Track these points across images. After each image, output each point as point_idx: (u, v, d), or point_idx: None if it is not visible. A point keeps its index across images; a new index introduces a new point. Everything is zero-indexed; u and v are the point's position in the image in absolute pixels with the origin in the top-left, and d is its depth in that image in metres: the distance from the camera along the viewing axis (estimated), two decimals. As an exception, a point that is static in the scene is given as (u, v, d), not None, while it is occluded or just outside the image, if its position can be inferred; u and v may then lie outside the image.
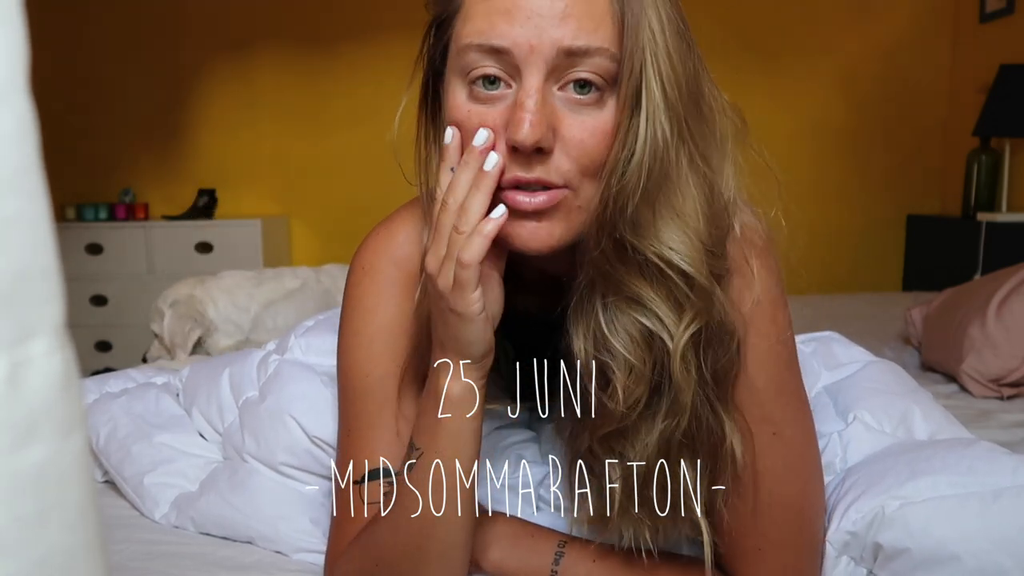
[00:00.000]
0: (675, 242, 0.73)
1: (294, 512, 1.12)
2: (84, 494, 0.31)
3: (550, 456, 1.12)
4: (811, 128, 4.03)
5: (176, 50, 4.30)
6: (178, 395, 1.44)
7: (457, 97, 0.76)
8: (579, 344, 0.78)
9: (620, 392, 0.76)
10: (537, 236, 0.75)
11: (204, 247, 4.01)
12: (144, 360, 2.50)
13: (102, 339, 4.07)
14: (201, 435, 1.33)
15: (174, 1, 4.26)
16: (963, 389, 1.89)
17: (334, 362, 1.23)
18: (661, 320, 0.75)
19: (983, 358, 1.85)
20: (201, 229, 4.05)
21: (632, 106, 0.70)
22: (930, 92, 4.06)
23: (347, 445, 0.92)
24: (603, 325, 0.76)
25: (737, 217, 0.79)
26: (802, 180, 3.86)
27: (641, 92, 0.70)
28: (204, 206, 4.19)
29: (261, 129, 4.33)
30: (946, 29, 4.01)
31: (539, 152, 0.72)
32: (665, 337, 0.75)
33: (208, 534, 1.17)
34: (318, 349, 1.28)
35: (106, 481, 1.35)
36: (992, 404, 1.78)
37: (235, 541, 1.15)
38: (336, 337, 1.28)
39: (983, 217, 3.25)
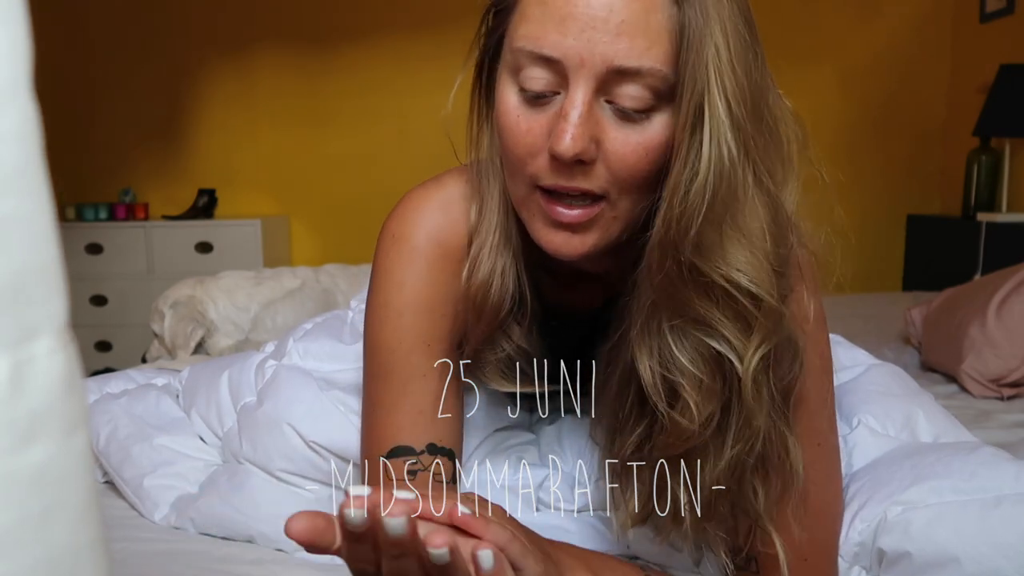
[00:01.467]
0: (742, 263, 0.71)
1: (295, 510, 1.12)
2: (87, 493, 0.31)
3: (550, 457, 1.12)
4: (811, 127, 4.00)
5: (177, 50, 4.30)
6: (178, 397, 1.44)
7: (507, 97, 0.75)
8: (644, 363, 0.77)
9: (693, 408, 0.75)
10: (570, 244, 0.76)
11: (204, 247, 4.01)
12: (143, 360, 2.50)
13: (102, 339, 4.07)
14: (201, 438, 1.33)
15: (175, 1, 4.26)
16: (963, 389, 1.88)
17: (332, 367, 1.24)
18: (730, 342, 0.73)
19: (983, 358, 1.85)
20: (201, 229, 4.05)
21: (694, 123, 0.68)
22: (930, 92, 4.06)
23: (371, 421, 0.92)
24: (671, 345, 0.75)
25: (793, 231, 0.78)
26: (801, 180, 3.84)
27: (704, 110, 0.68)
28: (204, 206, 4.19)
29: (261, 129, 4.33)
30: (946, 29, 4.01)
31: (580, 163, 0.72)
32: (734, 359, 0.73)
33: (208, 534, 1.17)
34: (316, 354, 1.27)
35: (106, 482, 1.35)
36: (992, 404, 1.78)
37: (235, 541, 1.15)
38: (332, 342, 1.28)
39: (983, 217, 3.25)
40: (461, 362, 0.91)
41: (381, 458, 0.89)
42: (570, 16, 0.68)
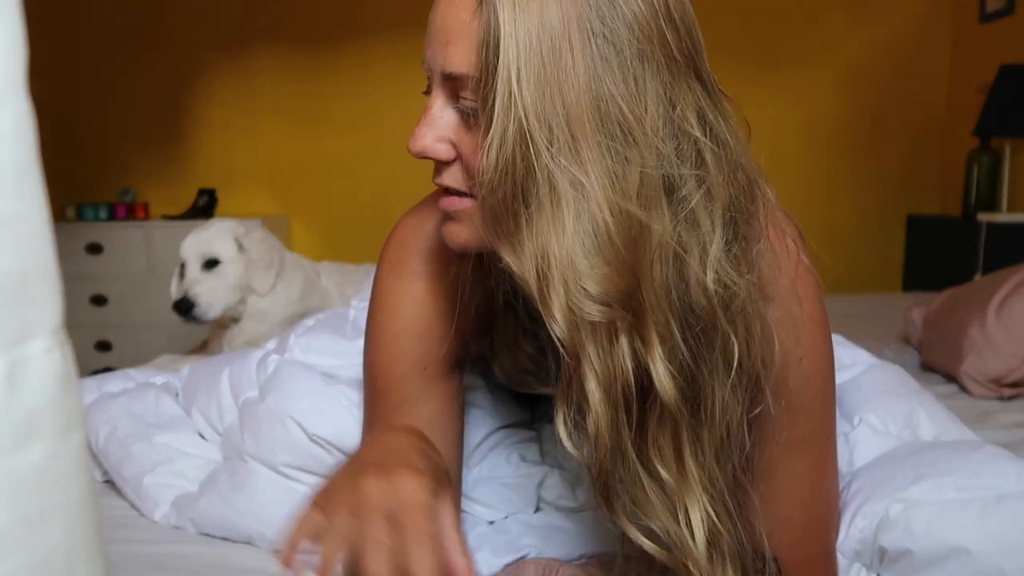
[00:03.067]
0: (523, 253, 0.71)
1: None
2: (84, 493, 0.31)
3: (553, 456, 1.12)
4: (811, 128, 4.03)
5: (177, 49, 4.30)
6: (177, 395, 1.44)
7: None
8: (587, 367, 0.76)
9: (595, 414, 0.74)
10: (449, 231, 0.80)
11: (204, 247, 4.01)
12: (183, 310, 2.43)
13: (102, 339, 4.07)
14: (201, 435, 1.33)
15: (175, 1, 4.26)
16: (963, 389, 1.88)
17: (335, 361, 1.24)
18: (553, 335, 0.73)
19: (983, 358, 1.85)
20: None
21: (490, 123, 0.69)
22: (930, 92, 4.05)
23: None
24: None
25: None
26: (802, 180, 3.87)
27: (497, 109, 0.68)
28: (204, 206, 4.19)
29: (261, 129, 4.33)
30: (946, 29, 4.00)
31: (442, 163, 0.76)
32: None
33: (208, 534, 1.17)
34: (318, 349, 1.28)
35: (106, 481, 1.35)
36: (992, 405, 1.78)
37: (235, 542, 1.15)
38: (334, 337, 1.29)
39: (983, 217, 3.24)
40: (464, 373, 0.93)
41: None
42: (429, 31, 0.74)
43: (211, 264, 2.43)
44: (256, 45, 4.26)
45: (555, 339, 0.71)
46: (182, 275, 2.45)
